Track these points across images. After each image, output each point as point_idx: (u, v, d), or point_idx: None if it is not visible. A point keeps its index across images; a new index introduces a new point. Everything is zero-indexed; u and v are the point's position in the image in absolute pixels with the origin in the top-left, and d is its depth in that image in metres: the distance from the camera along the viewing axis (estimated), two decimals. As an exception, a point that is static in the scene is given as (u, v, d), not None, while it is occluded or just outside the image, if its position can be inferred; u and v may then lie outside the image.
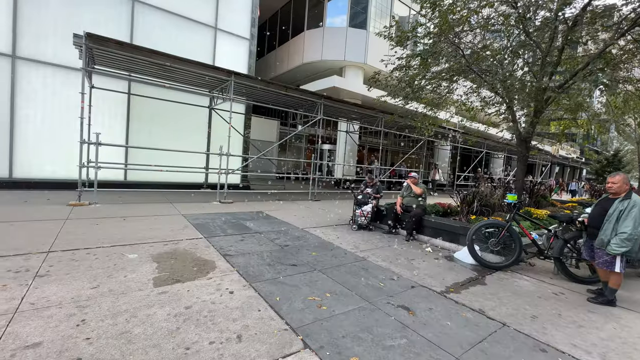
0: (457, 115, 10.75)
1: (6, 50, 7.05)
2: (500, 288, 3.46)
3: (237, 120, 9.84)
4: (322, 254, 4.12)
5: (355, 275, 3.46)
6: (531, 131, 6.73)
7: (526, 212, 6.10)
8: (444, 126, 12.62)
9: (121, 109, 8.53)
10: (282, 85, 8.67)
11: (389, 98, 8.37)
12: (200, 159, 9.76)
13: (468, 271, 3.97)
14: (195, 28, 9.56)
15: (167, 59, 6.73)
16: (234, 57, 10.31)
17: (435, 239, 5.21)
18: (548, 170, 25.33)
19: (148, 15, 8.72)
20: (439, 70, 7.34)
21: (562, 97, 6.82)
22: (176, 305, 2.44)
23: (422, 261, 4.23)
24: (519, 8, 5.98)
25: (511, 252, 4.15)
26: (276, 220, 6.07)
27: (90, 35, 5.80)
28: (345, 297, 2.88)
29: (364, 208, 5.83)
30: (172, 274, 3.06)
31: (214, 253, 3.79)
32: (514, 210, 4.30)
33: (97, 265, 3.13)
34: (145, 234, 4.33)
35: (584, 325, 2.73)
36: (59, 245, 3.63)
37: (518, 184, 6.97)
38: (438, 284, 3.41)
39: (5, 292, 2.44)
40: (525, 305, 3.03)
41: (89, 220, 4.88)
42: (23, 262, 3.04)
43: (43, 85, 7.49)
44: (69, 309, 2.26)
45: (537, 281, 3.79)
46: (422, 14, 7.03)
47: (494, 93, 7.25)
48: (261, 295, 2.74)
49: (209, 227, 5.05)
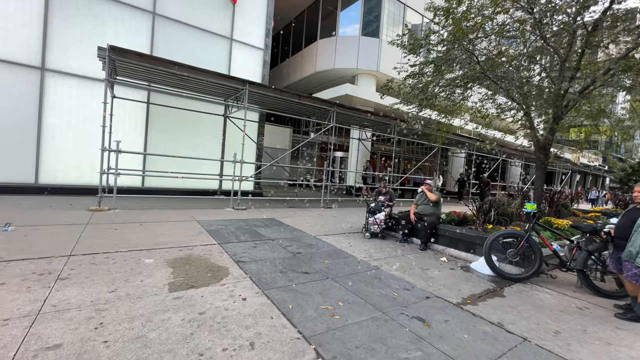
0: (472, 123, 10.59)
1: (36, 64, 7.47)
2: (519, 301, 3.33)
3: (250, 128, 10.01)
4: (334, 262, 4.09)
5: (368, 284, 3.41)
6: (550, 138, 6.54)
7: (546, 221, 5.89)
8: (458, 133, 12.44)
9: (140, 118, 8.84)
10: (295, 93, 8.79)
11: (402, 105, 8.34)
12: (215, 166, 9.95)
13: (485, 282, 3.85)
14: (212, 39, 9.87)
15: (185, 70, 6.96)
16: (249, 67, 10.56)
17: (451, 248, 5.09)
18: (568, 178, 24.45)
19: (167, 27, 9.08)
20: (453, 77, 7.28)
21: (582, 103, 6.62)
22: (190, 311, 2.47)
23: (437, 271, 4.13)
24: (535, 13, 5.88)
25: (531, 264, 4.00)
26: (288, 227, 6.08)
27: (113, 48, 6.08)
28: (359, 306, 2.84)
29: (376, 216, 5.77)
30: (187, 279, 3.10)
31: (227, 259, 3.83)
32: (534, 220, 4.16)
33: (115, 269, 3.21)
34: (161, 240, 4.42)
35: (611, 342, 2.58)
36: (80, 249, 3.75)
37: (537, 193, 6.75)
38: (454, 295, 3.31)
39: (29, 294, 2.53)
40: (547, 320, 2.90)
41: (108, 225, 5.03)
42: (46, 265, 3.16)
43: (68, 96, 7.86)
44: (88, 312, 2.32)
45: (559, 294, 3.62)
46: (436, 22, 7.03)
47: (510, 99, 7.11)
48: (274, 303, 2.74)
49: (223, 233, 5.11)
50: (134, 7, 8.53)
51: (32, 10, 7.34)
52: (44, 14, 7.46)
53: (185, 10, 9.32)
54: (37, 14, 7.39)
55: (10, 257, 3.29)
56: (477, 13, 6.41)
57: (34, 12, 7.36)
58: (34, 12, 7.36)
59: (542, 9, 5.90)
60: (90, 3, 7.97)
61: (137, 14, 8.60)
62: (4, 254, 3.34)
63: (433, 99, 7.55)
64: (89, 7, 7.96)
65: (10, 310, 2.26)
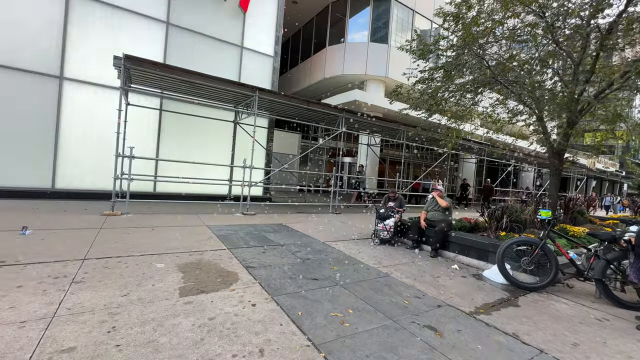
0: (483, 128, 10.45)
1: (55, 73, 7.75)
2: (535, 311, 3.23)
3: (260, 133, 10.12)
4: (343, 269, 4.06)
5: (378, 291, 3.37)
6: (565, 143, 6.40)
7: (562, 229, 5.73)
8: (468, 139, 12.29)
9: (153, 124, 9.05)
10: (304, 99, 8.86)
11: (411, 110, 8.30)
12: (225, 172, 10.06)
13: (499, 291, 3.75)
14: (223, 47, 10.07)
15: (197, 77, 7.11)
16: (258, 74, 10.71)
17: (462, 255, 4.99)
18: (584, 184, 23.80)
19: (180, 36, 9.32)
20: (463, 82, 7.22)
21: (597, 107, 6.47)
22: (200, 316, 2.48)
23: (449, 279, 4.05)
24: (547, 17, 5.81)
25: (546, 272, 3.88)
26: (297, 232, 6.08)
27: (129, 57, 6.26)
28: (369, 314, 2.80)
29: (386, 222, 5.72)
30: (197, 284, 3.12)
31: (237, 264, 3.84)
32: (549, 227, 4.05)
33: (128, 273, 3.26)
34: (172, 244, 4.48)
35: (633, 356, 2.47)
36: (94, 253, 3.83)
37: (552, 199, 6.58)
38: (466, 304, 3.24)
39: (45, 296, 2.59)
40: (564, 331, 2.80)
41: (121, 230, 5.12)
42: (62, 269, 3.23)
43: (85, 103, 8.11)
44: (101, 316, 2.36)
45: (576, 305, 3.50)
46: (445, 27, 7.01)
47: (522, 104, 7.00)
48: (283, 309, 2.73)
49: (232, 238, 5.14)
50: (148, 17, 8.80)
51: (52, 22, 7.64)
52: (64, 25, 7.75)
53: (198, 19, 9.56)
54: (57, 25, 7.69)
55: (27, 260, 3.38)
56: (487, 18, 6.37)
57: (54, 24, 7.66)
58: (54, 23, 7.66)
59: (554, 12, 5.82)
60: (107, 14, 8.25)
61: (151, 24, 8.86)
62: (21, 257, 3.43)
63: (443, 104, 7.50)
64: (106, 18, 8.25)
65: (27, 312, 2.31)
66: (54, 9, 7.65)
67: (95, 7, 8.11)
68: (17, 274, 2.99)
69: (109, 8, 8.26)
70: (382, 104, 13.01)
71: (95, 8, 8.10)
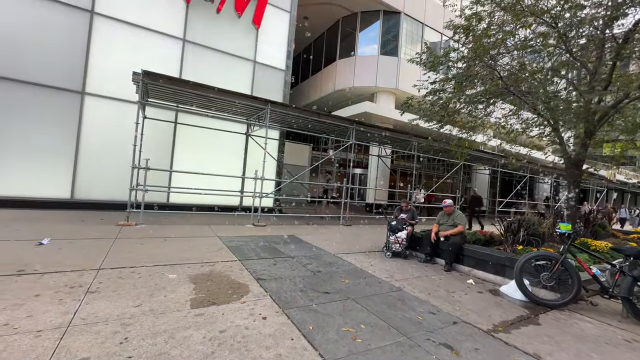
0: (496, 139, 10.29)
1: (78, 88, 8.13)
2: (557, 330, 3.08)
3: (271, 145, 10.25)
4: (355, 282, 3.99)
5: (391, 306, 3.28)
6: (583, 154, 6.22)
7: (582, 243, 5.50)
8: (480, 149, 12.11)
9: (168, 136, 9.31)
10: (315, 112, 8.98)
11: (422, 122, 8.27)
12: (236, 183, 10.18)
13: (517, 308, 3.60)
14: (237, 62, 10.38)
15: (212, 91, 7.32)
16: (270, 87, 10.95)
17: (477, 270, 4.84)
18: (604, 196, 22.94)
19: (196, 52, 9.67)
20: (474, 93, 7.17)
21: (616, 117, 6.29)
22: (211, 329, 2.47)
23: (464, 294, 3.92)
24: (560, 28, 5.76)
25: (567, 289, 3.71)
26: (308, 244, 6.04)
27: (147, 73, 6.52)
28: (381, 329, 2.72)
29: (398, 235, 5.62)
30: (208, 295, 3.12)
31: (248, 276, 3.83)
32: (569, 241, 3.89)
33: (141, 284, 3.29)
34: (183, 255, 4.52)
35: (668, 381, 2.31)
36: (109, 262, 3.89)
37: (571, 212, 6.36)
38: (484, 322, 3.11)
39: (61, 306, 2.63)
40: (590, 352, 2.65)
41: (135, 240, 5.21)
42: (77, 278, 3.29)
43: (104, 117, 8.44)
44: (114, 326, 2.37)
45: (602, 324, 3.32)
46: (455, 40, 7.04)
47: (536, 115, 6.88)
48: (294, 323, 2.69)
49: (243, 250, 5.15)
50: (166, 35, 9.19)
51: (76, 42, 8.07)
52: (87, 45, 8.18)
53: (213, 36, 9.92)
54: (80, 45, 8.11)
55: (45, 269, 3.47)
56: (498, 29, 6.37)
57: (77, 44, 8.09)
58: (77, 43, 8.09)
59: (567, 23, 5.77)
60: (128, 34, 8.67)
61: (168, 41, 9.25)
62: (39, 267, 3.52)
63: (454, 115, 7.45)
64: (127, 37, 8.66)
65: (43, 321, 2.35)
66: (79, 29, 8.09)
67: (117, 26, 8.54)
68: (34, 283, 3.07)
69: (130, 27, 8.68)
70: (392, 116, 13.05)
71: (117, 28, 8.54)
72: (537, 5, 5.88)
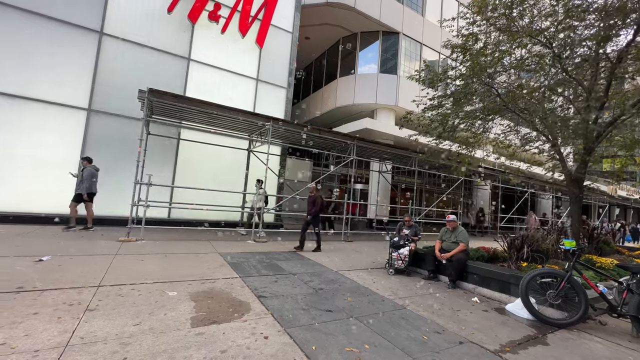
0: (495, 154, 10.37)
1: (84, 105, 8.29)
2: (566, 350, 3.00)
3: (273, 161, 10.31)
4: (357, 300, 3.92)
5: (394, 325, 3.21)
6: (583, 170, 6.25)
7: (587, 260, 5.44)
8: (481, 165, 12.16)
9: (170, 153, 9.39)
10: (316, 128, 9.09)
11: (421, 137, 8.37)
12: (238, 199, 10.17)
13: (524, 327, 3.52)
14: (240, 80, 10.63)
15: (215, 108, 7.45)
16: (272, 104, 11.15)
17: (482, 287, 4.76)
18: (606, 212, 22.79)
19: (200, 71, 9.92)
20: (472, 109, 7.30)
21: (614, 134, 6.36)
22: (212, 348, 2.41)
23: (469, 312, 3.84)
24: (554, 48, 5.93)
25: (575, 307, 3.64)
26: (309, 261, 5.97)
27: (152, 90, 6.66)
28: (385, 350, 2.66)
29: (400, 251, 5.56)
30: (209, 314, 3.06)
31: (249, 294, 3.77)
32: (574, 258, 3.85)
33: (140, 301, 3.24)
34: (184, 272, 4.46)
35: (684, 405, 2.23)
36: (108, 279, 3.85)
37: (574, 228, 6.32)
38: (490, 341, 3.04)
39: (59, 324, 2.59)
40: (601, 374, 2.57)
41: (135, 256, 5.16)
42: (76, 296, 3.25)
43: (108, 133, 8.55)
44: (113, 346, 2.32)
45: (612, 344, 3.23)
46: (453, 58, 7.23)
47: (534, 131, 6.97)
48: (296, 343, 2.63)
49: (244, 266, 5.09)
50: (171, 54, 9.46)
51: (85, 65, 8.33)
52: (94, 65, 8.42)
53: (217, 55, 10.20)
54: (89, 66, 8.36)
55: (44, 286, 3.42)
56: (494, 49, 6.55)
57: (87, 65, 8.34)
58: (87, 65, 8.34)
59: (561, 43, 5.95)
60: (134, 55, 8.93)
61: (173, 60, 9.51)
62: (39, 284, 3.48)
63: (452, 131, 7.54)
64: (134, 58, 8.92)
65: (41, 341, 2.31)
66: (88, 50, 8.35)
67: (126, 46, 8.81)
68: (33, 300, 3.02)
69: (137, 47, 8.95)
70: (392, 132, 13.19)
71: (125, 47, 8.81)
72: (531, 26, 6.08)
